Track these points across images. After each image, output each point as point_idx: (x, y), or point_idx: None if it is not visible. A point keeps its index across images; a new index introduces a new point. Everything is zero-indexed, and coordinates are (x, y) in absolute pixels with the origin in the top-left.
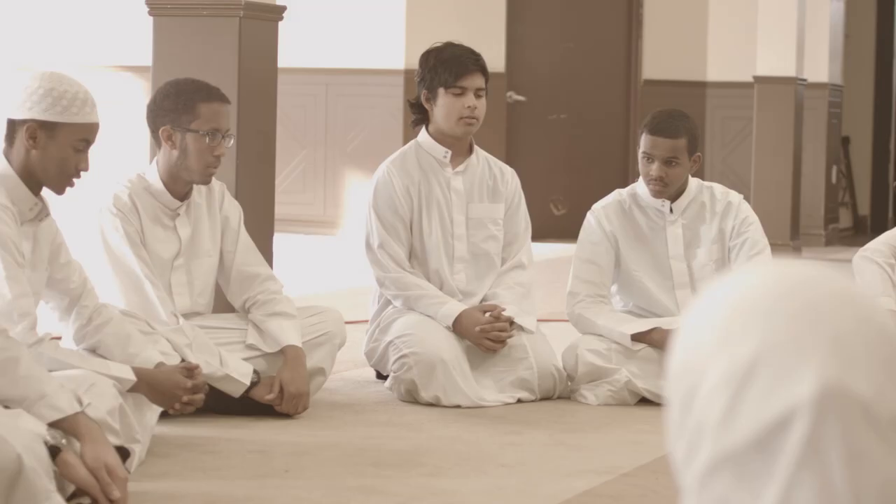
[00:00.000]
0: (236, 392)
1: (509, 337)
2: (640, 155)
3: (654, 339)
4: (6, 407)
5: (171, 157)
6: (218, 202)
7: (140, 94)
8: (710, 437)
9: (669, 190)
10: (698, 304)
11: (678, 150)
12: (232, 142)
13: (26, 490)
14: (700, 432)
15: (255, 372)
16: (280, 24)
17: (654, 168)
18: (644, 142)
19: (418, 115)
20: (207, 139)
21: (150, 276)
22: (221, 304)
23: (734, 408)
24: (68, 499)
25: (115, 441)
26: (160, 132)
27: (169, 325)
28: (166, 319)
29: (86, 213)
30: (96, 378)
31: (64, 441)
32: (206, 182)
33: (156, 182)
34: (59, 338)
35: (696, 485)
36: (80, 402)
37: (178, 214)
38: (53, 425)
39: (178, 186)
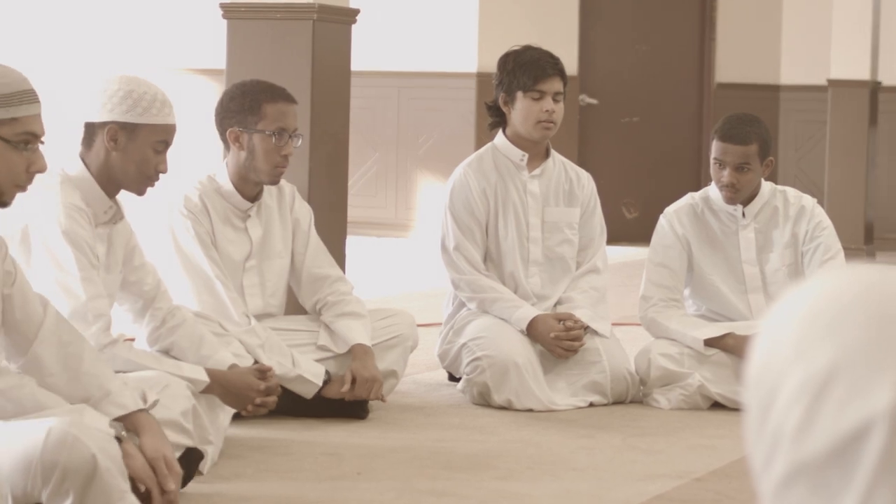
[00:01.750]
0: (308, 393)
1: (581, 345)
2: (711, 161)
3: (728, 345)
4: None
5: (239, 158)
6: (289, 204)
7: (214, 96)
8: (786, 447)
9: (741, 196)
10: (775, 311)
11: (749, 157)
12: (300, 142)
13: (101, 490)
14: (776, 442)
15: (327, 372)
16: (353, 26)
17: (726, 174)
18: (715, 148)
19: (496, 118)
20: (274, 139)
21: (220, 276)
22: (293, 307)
23: (810, 418)
24: None
25: (187, 442)
26: (228, 134)
27: (241, 325)
28: (238, 320)
29: (158, 215)
30: (170, 379)
31: (125, 433)
32: (275, 182)
33: (226, 184)
34: (133, 339)
35: (772, 494)
36: (144, 399)
37: (249, 216)
38: (116, 421)
39: (248, 188)
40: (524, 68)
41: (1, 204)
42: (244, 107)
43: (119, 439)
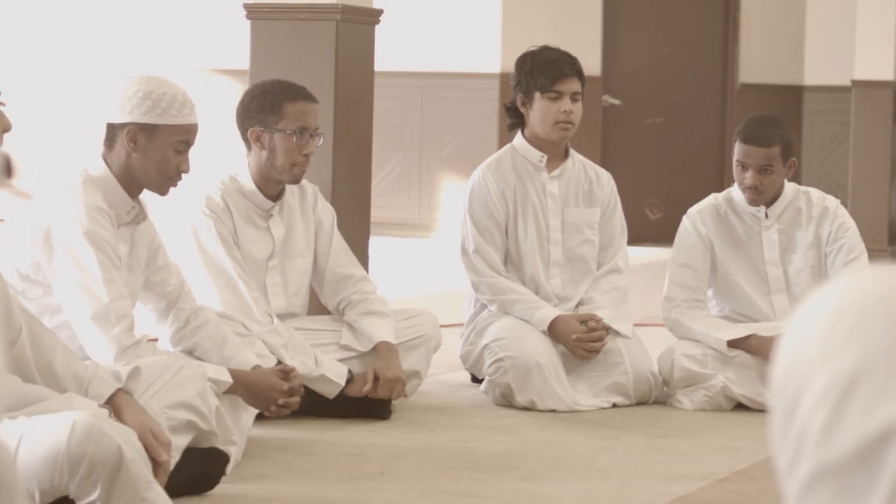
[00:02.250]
0: (331, 393)
1: (603, 345)
2: (734, 163)
3: (751, 346)
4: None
5: (260, 157)
6: (311, 204)
7: (238, 97)
8: (811, 449)
9: (764, 197)
10: (799, 313)
11: (772, 158)
12: (321, 140)
13: (128, 481)
14: (801, 444)
15: (350, 371)
16: (376, 27)
17: (749, 176)
18: (738, 150)
19: (514, 119)
20: (295, 138)
21: (243, 276)
22: (315, 308)
23: (835, 421)
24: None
25: (202, 425)
26: (249, 134)
27: (263, 325)
28: (261, 319)
29: (180, 215)
30: (184, 361)
31: (112, 418)
32: (296, 181)
33: (248, 183)
34: (156, 339)
35: (796, 496)
36: (119, 379)
37: (272, 215)
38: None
39: (270, 187)
40: (542, 69)
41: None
42: (265, 106)
43: None
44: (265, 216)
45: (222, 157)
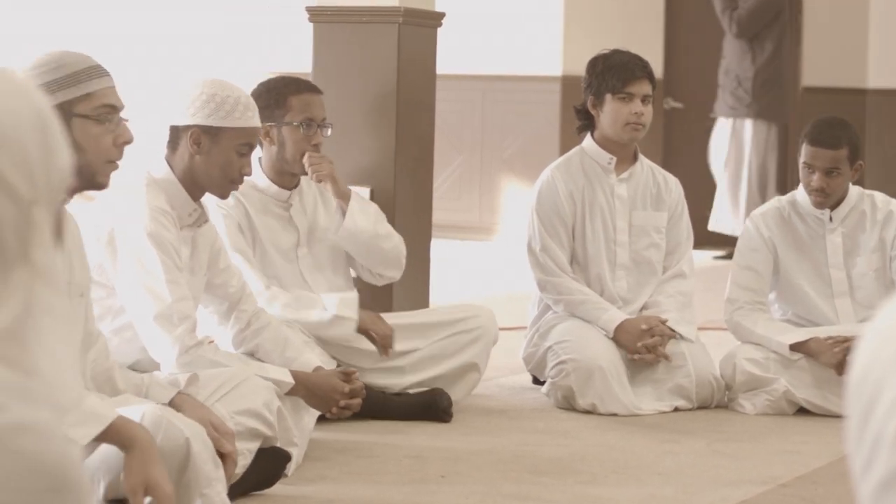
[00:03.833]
0: (349, 331)
1: (664, 351)
2: (801, 165)
3: (810, 349)
4: None
5: (271, 153)
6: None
7: None
8: (886, 454)
9: (831, 200)
10: (877, 316)
11: (839, 161)
12: (329, 131)
13: (192, 475)
14: (876, 448)
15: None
16: (438, 30)
17: (816, 178)
18: (805, 152)
19: (584, 121)
20: (302, 129)
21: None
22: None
23: None
24: None
25: (267, 432)
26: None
27: (262, 295)
28: (258, 290)
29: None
30: (249, 373)
31: None
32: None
33: (261, 180)
34: (212, 341)
35: (870, 499)
36: (178, 385)
37: (291, 204)
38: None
39: (286, 180)
40: (613, 71)
41: (98, 186)
42: (270, 102)
43: None
44: (285, 206)
45: None
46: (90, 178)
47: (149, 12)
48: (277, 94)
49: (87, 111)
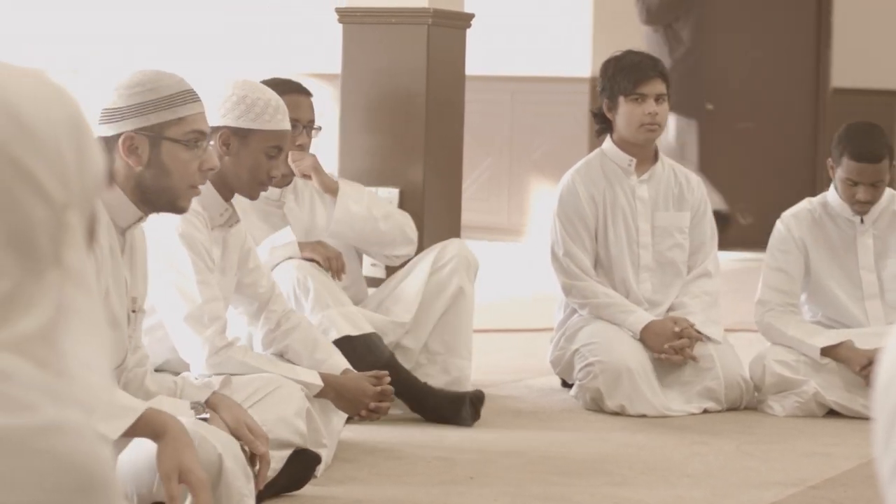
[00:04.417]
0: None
1: (692, 352)
2: (841, 179)
3: (840, 355)
4: None
5: None
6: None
7: (329, 101)
8: None
9: (873, 207)
10: None
11: (883, 172)
12: (317, 134)
13: (224, 490)
14: None
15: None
16: (467, 31)
17: (861, 192)
18: (848, 168)
19: (602, 124)
20: None
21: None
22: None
23: None
24: None
25: (298, 441)
26: None
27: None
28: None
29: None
30: (282, 381)
31: (206, 415)
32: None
33: None
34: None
35: None
36: (211, 387)
37: (284, 202)
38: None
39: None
40: (624, 72)
41: (178, 209)
42: None
43: (205, 420)
44: (277, 204)
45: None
46: (172, 201)
47: (179, 10)
48: None
49: (177, 135)
